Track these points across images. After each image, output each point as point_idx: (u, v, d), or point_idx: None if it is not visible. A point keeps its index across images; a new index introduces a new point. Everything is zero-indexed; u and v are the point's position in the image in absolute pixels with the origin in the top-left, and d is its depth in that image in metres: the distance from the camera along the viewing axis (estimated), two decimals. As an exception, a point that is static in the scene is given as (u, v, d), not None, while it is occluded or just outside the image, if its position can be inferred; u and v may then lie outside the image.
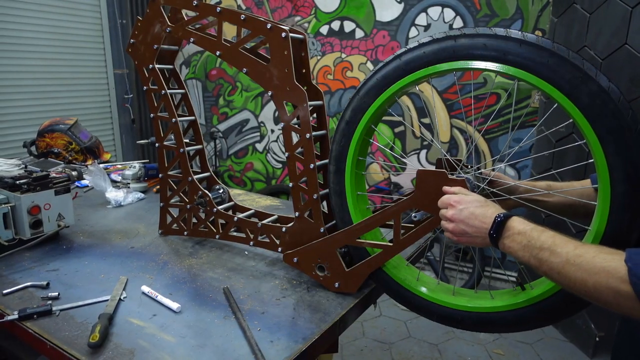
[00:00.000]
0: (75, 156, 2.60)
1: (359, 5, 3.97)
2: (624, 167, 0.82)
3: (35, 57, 3.96)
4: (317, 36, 4.24)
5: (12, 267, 1.37)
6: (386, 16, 3.87)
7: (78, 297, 1.19)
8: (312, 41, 4.28)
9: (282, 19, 4.43)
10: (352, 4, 4.00)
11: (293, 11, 4.35)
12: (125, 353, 0.97)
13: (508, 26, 3.36)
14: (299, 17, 4.32)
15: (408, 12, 3.76)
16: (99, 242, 1.59)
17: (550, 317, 0.98)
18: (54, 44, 4.08)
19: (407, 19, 3.78)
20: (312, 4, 4.21)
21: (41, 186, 1.49)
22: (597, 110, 0.83)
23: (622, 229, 0.85)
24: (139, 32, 1.50)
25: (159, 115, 1.53)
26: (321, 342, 1.05)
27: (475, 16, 3.48)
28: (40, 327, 1.05)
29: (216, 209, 1.48)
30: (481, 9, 3.44)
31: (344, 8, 4.06)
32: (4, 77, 3.75)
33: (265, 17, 1.29)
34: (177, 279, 1.32)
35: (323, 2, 4.15)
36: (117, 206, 1.96)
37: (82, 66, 4.38)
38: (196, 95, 5.15)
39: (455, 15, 3.56)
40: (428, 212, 1.06)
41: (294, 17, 4.36)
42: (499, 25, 3.39)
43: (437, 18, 3.64)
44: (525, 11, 3.28)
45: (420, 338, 3.02)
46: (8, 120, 3.79)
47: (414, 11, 3.73)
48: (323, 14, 4.18)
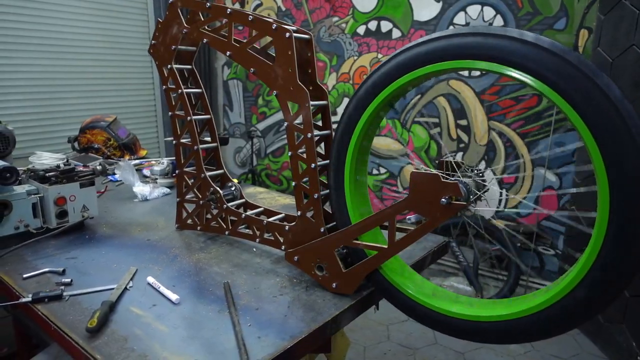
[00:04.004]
0: (113, 152, 2.75)
1: (396, 5, 3.92)
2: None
3: (86, 58, 4.21)
4: (354, 36, 4.23)
5: (37, 253, 1.47)
6: (424, 15, 3.80)
7: (89, 284, 1.26)
8: (349, 41, 4.28)
9: (320, 20, 4.45)
10: (389, 4, 3.96)
11: (331, 12, 4.36)
12: (119, 339, 1.01)
13: (552, 25, 3.20)
14: (337, 17, 4.33)
15: (446, 11, 3.67)
16: (119, 233, 1.67)
17: (542, 330, 0.93)
18: (103, 45, 4.33)
19: (445, 18, 3.69)
20: (350, 5, 4.21)
21: (67, 179, 1.59)
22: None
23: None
24: (159, 34, 1.56)
25: (176, 113, 1.59)
26: (309, 341, 1.05)
27: (517, 14, 3.34)
28: (49, 310, 1.13)
29: (226, 205, 1.52)
30: (523, 6, 3.30)
31: (381, 8, 4.02)
32: (57, 77, 4.02)
33: (273, 18, 1.31)
34: (183, 271, 1.36)
35: (360, 2, 4.13)
36: (143, 200, 2.05)
37: (129, 66, 4.62)
38: (237, 94, 5.28)
39: (496, 14, 3.44)
40: (422, 215, 1.04)
41: (331, 18, 4.37)
42: (542, 24, 3.24)
43: (476, 17, 3.53)
44: (570, 8, 3.11)
45: (447, 345, 2.94)
46: (59, 117, 4.06)
47: (453, 10, 3.64)
48: (360, 14, 4.16)
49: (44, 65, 3.93)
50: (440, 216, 1.00)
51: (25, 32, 3.79)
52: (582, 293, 0.87)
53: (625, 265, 0.82)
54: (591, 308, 0.88)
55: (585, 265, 0.86)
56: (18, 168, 1.63)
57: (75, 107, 4.15)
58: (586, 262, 0.86)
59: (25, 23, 3.78)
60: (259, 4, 4.97)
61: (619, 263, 0.82)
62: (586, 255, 0.86)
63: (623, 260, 0.82)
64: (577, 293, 0.88)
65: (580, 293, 0.88)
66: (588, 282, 0.86)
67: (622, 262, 0.82)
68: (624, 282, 0.84)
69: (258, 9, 4.97)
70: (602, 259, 0.84)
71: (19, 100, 3.77)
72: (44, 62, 3.93)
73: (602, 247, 0.84)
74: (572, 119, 0.83)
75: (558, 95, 0.84)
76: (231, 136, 5.54)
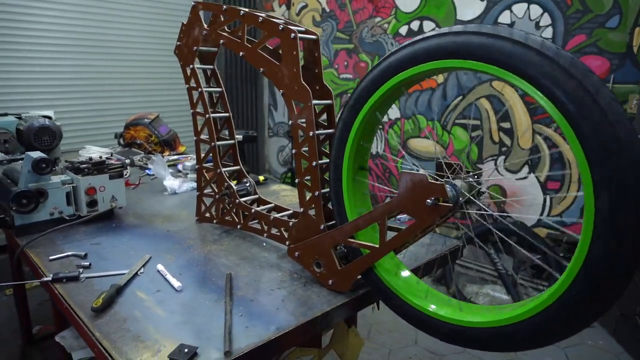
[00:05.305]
0: (154, 147, 2.91)
1: (439, 4, 3.85)
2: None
3: (137, 59, 4.48)
4: (396, 37, 4.20)
5: (67, 238, 1.59)
6: (467, 15, 3.70)
7: (105, 268, 1.36)
8: (391, 42, 4.25)
9: (362, 21, 4.45)
10: (432, 3, 3.89)
11: (374, 12, 4.35)
12: (119, 320, 1.09)
13: (603, 23, 3.02)
14: (379, 18, 4.31)
15: (491, 9, 3.55)
16: (143, 223, 1.77)
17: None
18: (154, 47, 4.56)
19: (489, 18, 3.57)
20: (393, 5, 4.17)
21: (98, 171, 1.72)
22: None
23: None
24: (183, 35, 1.65)
25: (197, 111, 1.67)
26: (295, 334, 1.07)
27: (565, 12, 3.17)
28: (64, 290, 1.23)
29: (238, 200, 1.57)
30: (572, 4, 3.13)
31: (424, 7, 3.96)
32: (111, 77, 4.30)
33: (283, 19, 1.34)
34: (192, 261, 1.43)
35: (403, 2, 4.09)
36: (172, 194, 2.16)
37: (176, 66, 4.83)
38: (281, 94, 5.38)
39: (543, 12, 3.28)
40: (410, 215, 1.03)
41: (374, 18, 4.36)
42: (593, 22, 3.06)
43: (522, 16, 3.39)
44: (623, 5, 2.91)
45: (476, 354, 2.85)
46: (111, 114, 4.33)
47: (498, 9, 3.51)
48: (403, 14, 4.12)
49: (101, 66, 4.22)
50: (427, 217, 0.99)
51: (88, 36, 4.09)
52: (568, 302, 0.84)
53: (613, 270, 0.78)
54: (577, 318, 0.84)
55: (571, 273, 0.83)
56: (65, 160, 1.79)
57: (126, 105, 4.41)
58: (572, 270, 0.82)
59: (88, 27, 4.08)
60: (304, 5, 5.04)
61: (607, 270, 0.78)
62: (572, 263, 0.83)
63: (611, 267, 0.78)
64: (562, 302, 0.84)
65: (565, 302, 0.84)
66: (575, 290, 0.83)
67: (610, 269, 0.78)
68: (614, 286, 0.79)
69: (303, 11, 5.05)
70: (588, 266, 0.80)
71: (76, 99, 4.08)
72: (101, 62, 4.22)
73: (588, 255, 0.80)
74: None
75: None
76: (275, 135, 5.66)
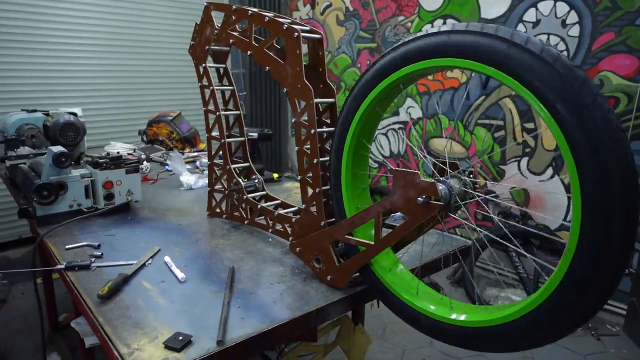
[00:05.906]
0: (175, 144, 3.00)
1: (463, 2, 3.79)
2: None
3: (163, 58, 4.59)
4: (419, 36, 4.15)
5: (84, 229, 1.67)
6: (492, 13, 3.63)
7: (115, 258, 1.42)
8: (414, 41, 4.21)
9: (386, 19, 4.43)
10: (456, 2, 3.84)
11: (397, 11, 4.32)
12: (122, 307, 1.14)
13: (633, 20, 2.91)
14: (403, 16, 4.28)
15: (516, 7, 3.47)
16: (157, 217, 1.84)
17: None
18: (177, 46, 4.64)
19: (514, 15, 3.50)
20: (416, 3, 4.14)
21: (115, 165, 1.79)
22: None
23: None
24: (196, 35, 1.70)
25: (208, 109, 1.71)
26: (288, 327, 1.09)
27: (593, 10, 3.07)
28: (76, 277, 1.29)
29: (246, 196, 1.61)
30: (600, 1, 3.03)
31: (447, 6, 3.91)
32: (139, 75, 4.43)
33: (289, 19, 1.37)
34: (199, 254, 1.48)
35: (427, 1, 4.05)
36: (188, 189, 2.23)
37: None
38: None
39: (570, 10, 3.19)
40: (402, 212, 1.04)
41: (397, 17, 4.33)
42: (622, 20, 2.95)
43: (547, 13, 3.30)
44: (655, 2, 2.80)
45: (493, 358, 2.80)
46: (138, 111, 4.45)
47: (523, 6, 3.43)
48: (426, 13, 4.08)
49: (127, 65, 4.35)
50: (419, 215, 1.00)
51: (114, 36, 4.23)
52: (553, 304, 0.83)
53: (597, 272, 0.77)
54: (566, 319, 0.83)
55: (559, 274, 0.82)
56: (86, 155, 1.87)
57: (150, 103, 4.54)
58: (559, 271, 0.82)
59: (114, 27, 4.21)
60: (328, 4, 5.06)
61: (592, 271, 0.77)
62: (560, 264, 0.82)
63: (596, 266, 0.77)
64: (548, 304, 0.84)
65: (551, 304, 0.83)
66: (562, 290, 0.82)
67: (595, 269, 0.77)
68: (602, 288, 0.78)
69: (327, 10, 5.07)
70: (574, 269, 0.79)
71: (103, 97, 4.22)
72: (127, 62, 4.35)
73: (574, 257, 0.79)
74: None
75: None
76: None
